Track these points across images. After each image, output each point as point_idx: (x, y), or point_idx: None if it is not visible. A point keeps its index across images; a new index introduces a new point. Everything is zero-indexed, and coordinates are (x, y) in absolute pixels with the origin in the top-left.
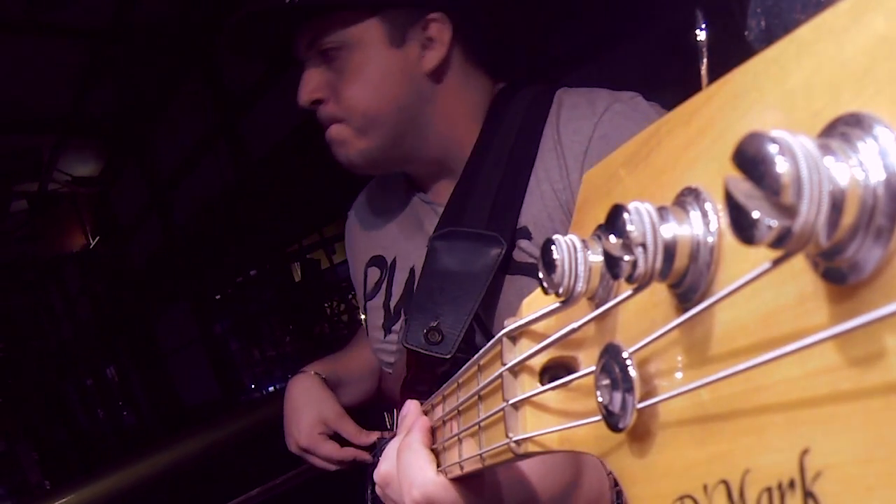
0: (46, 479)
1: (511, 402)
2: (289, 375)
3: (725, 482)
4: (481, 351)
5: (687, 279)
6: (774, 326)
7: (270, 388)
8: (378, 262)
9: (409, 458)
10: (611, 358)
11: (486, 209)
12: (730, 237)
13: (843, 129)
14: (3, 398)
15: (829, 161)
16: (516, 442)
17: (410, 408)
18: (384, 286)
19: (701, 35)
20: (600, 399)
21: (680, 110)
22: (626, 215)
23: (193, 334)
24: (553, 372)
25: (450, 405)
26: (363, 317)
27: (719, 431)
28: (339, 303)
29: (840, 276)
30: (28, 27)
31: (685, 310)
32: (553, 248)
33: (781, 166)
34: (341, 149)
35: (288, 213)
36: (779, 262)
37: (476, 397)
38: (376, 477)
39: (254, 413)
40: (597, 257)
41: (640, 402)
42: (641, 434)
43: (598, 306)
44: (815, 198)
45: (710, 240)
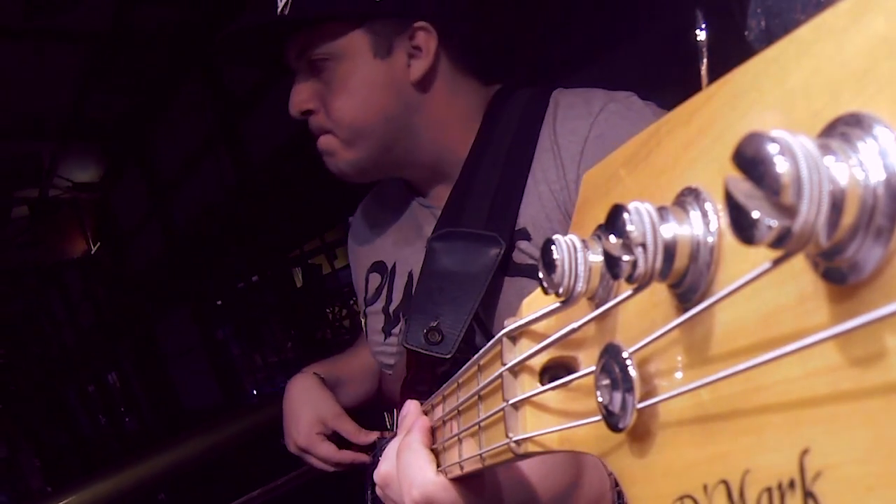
0: (48, 486)
1: (511, 402)
2: None
3: (725, 482)
4: (481, 351)
5: (687, 279)
6: (774, 326)
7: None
8: (379, 267)
9: (408, 458)
10: (611, 358)
11: (485, 210)
12: (730, 237)
13: (843, 129)
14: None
15: (829, 161)
16: (516, 442)
17: (410, 408)
18: (384, 291)
19: (701, 35)
20: (600, 399)
21: (680, 110)
22: (626, 215)
23: (195, 340)
24: (553, 372)
25: (450, 405)
26: (363, 321)
27: (719, 431)
28: (340, 308)
29: (840, 276)
30: (27, 32)
31: (685, 310)
32: (553, 248)
33: (781, 166)
34: (331, 159)
35: (289, 218)
36: (779, 262)
37: (476, 397)
38: (376, 477)
39: (254, 414)
40: (597, 257)
41: (640, 402)
42: (641, 434)
43: (598, 306)
44: (815, 198)
45: (710, 240)
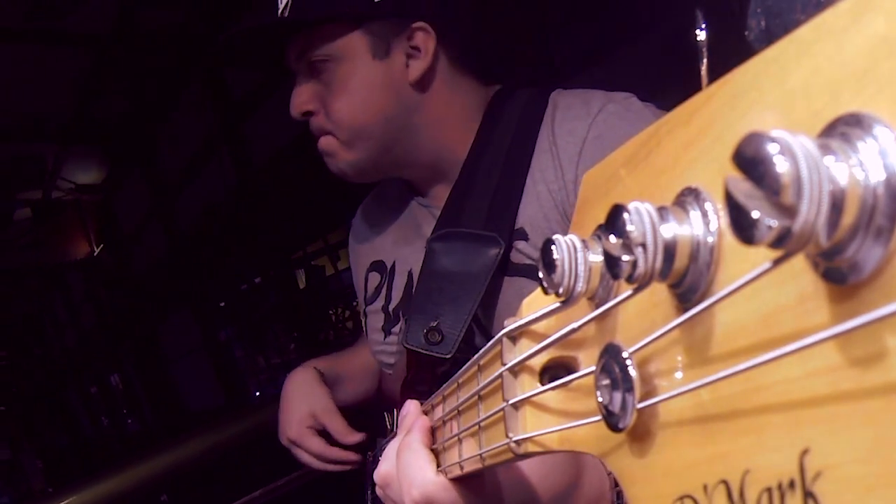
0: (50, 487)
1: (511, 402)
2: None
3: (725, 482)
4: (481, 351)
5: (687, 279)
6: (774, 326)
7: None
8: (378, 266)
9: (408, 458)
10: (611, 358)
11: (484, 210)
12: (730, 237)
13: (843, 128)
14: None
15: (829, 161)
16: (516, 442)
17: (410, 408)
18: (384, 290)
19: (701, 35)
20: (600, 399)
21: (680, 110)
22: (626, 215)
23: (197, 341)
24: (553, 372)
25: (450, 405)
26: (363, 321)
27: (719, 431)
28: (343, 310)
29: (840, 276)
30: (31, 34)
31: (685, 310)
32: (553, 248)
33: (781, 166)
34: (331, 160)
35: (292, 220)
36: (779, 262)
37: (476, 397)
38: (376, 477)
39: (255, 415)
40: (597, 257)
41: (640, 402)
42: (641, 434)
43: (598, 306)
44: (815, 198)
45: (710, 240)
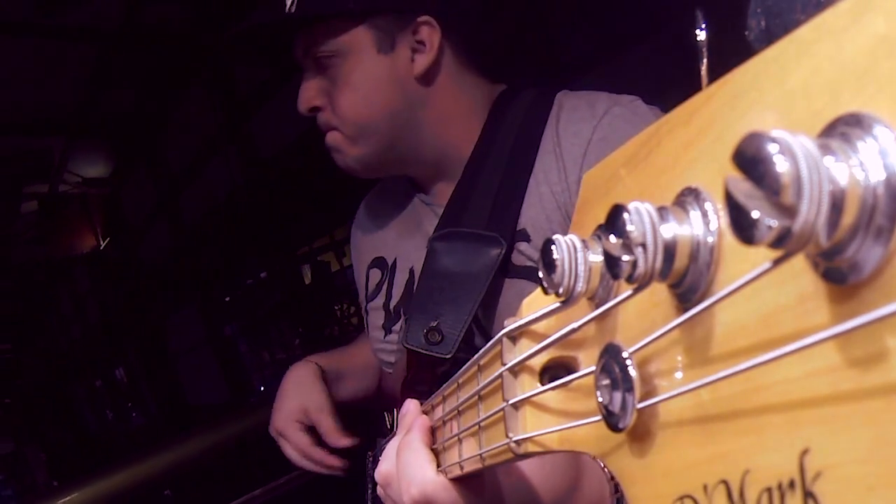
0: (54, 480)
1: (511, 402)
2: None
3: (725, 482)
4: (481, 351)
5: (687, 279)
6: (774, 326)
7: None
8: (379, 263)
9: (408, 456)
10: (611, 358)
11: (486, 210)
12: (730, 237)
13: (843, 128)
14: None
15: (829, 161)
16: (516, 442)
17: (410, 407)
18: (384, 287)
19: (701, 35)
20: (600, 399)
21: (680, 110)
22: (626, 215)
23: (202, 336)
24: (553, 372)
25: (450, 405)
26: (365, 317)
27: (719, 431)
28: (349, 305)
29: (840, 276)
30: (38, 28)
31: (685, 310)
32: (553, 247)
33: (781, 166)
34: (338, 155)
35: (298, 216)
36: (779, 262)
37: (476, 397)
38: (377, 477)
39: (256, 413)
40: (597, 257)
41: (640, 402)
42: (641, 434)
43: (598, 306)
44: (815, 198)
45: (710, 240)
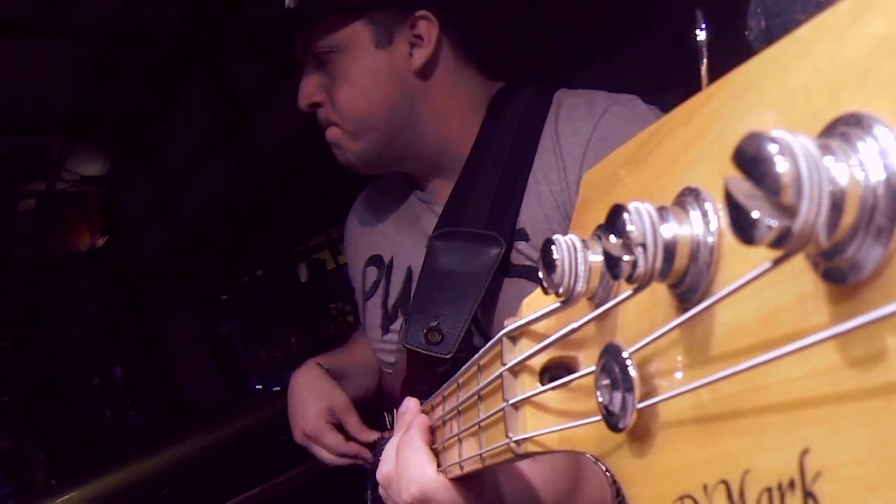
0: (53, 478)
1: (511, 402)
2: None
3: (725, 482)
4: (481, 351)
5: (687, 279)
6: (774, 326)
7: (276, 389)
8: (376, 261)
9: (408, 455)
10: (611, 358)
11: (485, 209)
12: (730, 237)
13: (843, 128)
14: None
15: (829, 161)
16: (516, 442)
17: (409, 405)
18: (382, 286)
19: (701, 35)
20: (600, 399)
21: (680, 110)
22: (626, 215)
23: (200, 335)
24: (553, 372)
25: (450, 405)
26: (362, 315)
27: (719, 431)
28: (345, 303)
29: (840, 276)
30: (36, 27)
31: (685, 310)
32: (553, 247)
33: (781, 166)
34: (338, 151)
35: (294, 214)
36: (779, 262)
37: (476, 397)
38: (379, 477)
39: (255, 412)
40: (597, 257)
41: (640, 402)
42: (641, 434)
43: (598, 306)
44: (815, 198)
45: (710, 240)
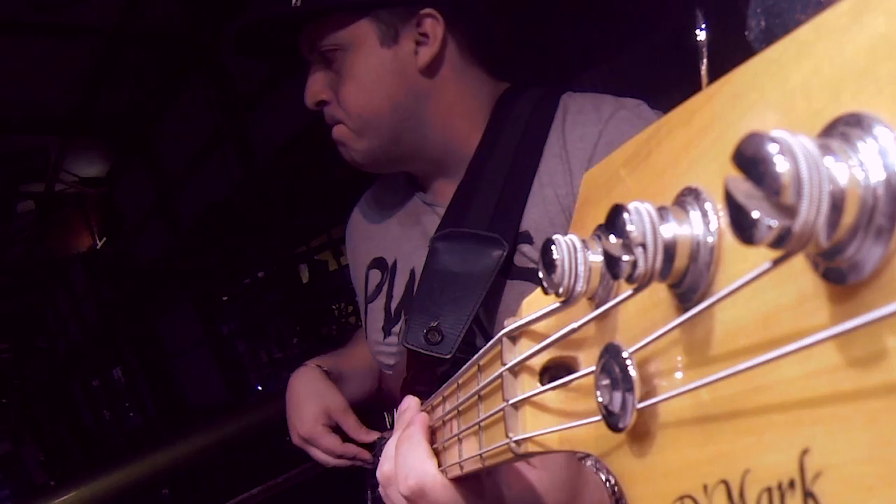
0: (52, 480)
1: (511, 402)
2: None
3: (725, 482)
4: (481, 351)
5: (687, 279)
6: (774, 326)
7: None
8: (379, 263)
9: (408, 450)
10: (611, 358)
11: (489, 211)
12: (730, 237)
13: (843, 128)
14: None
15: (829, 161)
16: (516, 442)
17: (409, 403)
18: (385, 288)
19: (701, 35)
20: (600, 399)
21: (680, 110)
22: (626, 215)
23: (200, 336)
24: (553, 372)
25: (450, 405)
26: (364, 317)
27: (719, 431)
28: (346, 304)
29: (840, 276)
30: (34, 27)
31: (685, 310)
32: (553, 247)
33: (781, 166)
34: (344, 149)
35: (295, 215)
36: (779, 262)
37: (476, 397)
38: (379, 477)
39: (254, 412)
40: (597, 257)
41: (641, 402)
42: (641, 434)
43: (598, 306)
44: (815, 198)
45: (710, 240)
